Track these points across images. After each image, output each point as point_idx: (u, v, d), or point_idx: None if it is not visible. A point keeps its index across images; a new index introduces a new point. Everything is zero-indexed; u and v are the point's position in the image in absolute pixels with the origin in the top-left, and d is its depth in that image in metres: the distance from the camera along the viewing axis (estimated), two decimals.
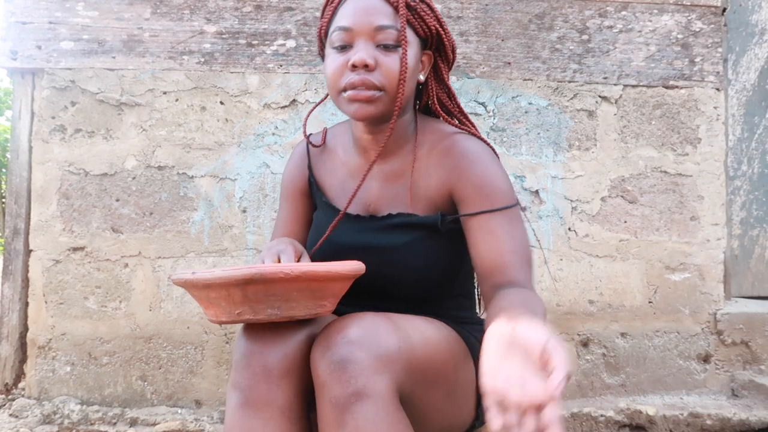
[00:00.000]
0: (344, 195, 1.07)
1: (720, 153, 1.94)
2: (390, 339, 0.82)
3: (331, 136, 1.16)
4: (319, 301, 0.83)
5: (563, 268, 1.86)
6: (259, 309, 0.80)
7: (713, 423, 1.71)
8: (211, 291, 0.80)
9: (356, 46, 0.93)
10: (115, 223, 1.76)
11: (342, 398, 0.76)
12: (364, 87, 0.92)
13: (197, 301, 0.85)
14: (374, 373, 0.77)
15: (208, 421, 1.67)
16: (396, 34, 0.94)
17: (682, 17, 1.94)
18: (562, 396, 0.53)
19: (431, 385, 0.89)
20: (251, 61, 1.80)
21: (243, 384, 0.83)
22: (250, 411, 0.82)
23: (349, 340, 0.79)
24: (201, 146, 1.79)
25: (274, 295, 0.79)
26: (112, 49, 1.77)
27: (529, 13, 1.88)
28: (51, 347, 1.73)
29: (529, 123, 1.87)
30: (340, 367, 0.78)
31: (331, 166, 1.12)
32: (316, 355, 0.82)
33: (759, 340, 1.91)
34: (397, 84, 0.94)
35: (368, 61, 0.91)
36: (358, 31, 0.93)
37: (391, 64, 0.93)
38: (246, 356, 0.85)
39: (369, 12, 0.93)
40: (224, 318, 0.82)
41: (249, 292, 0.78)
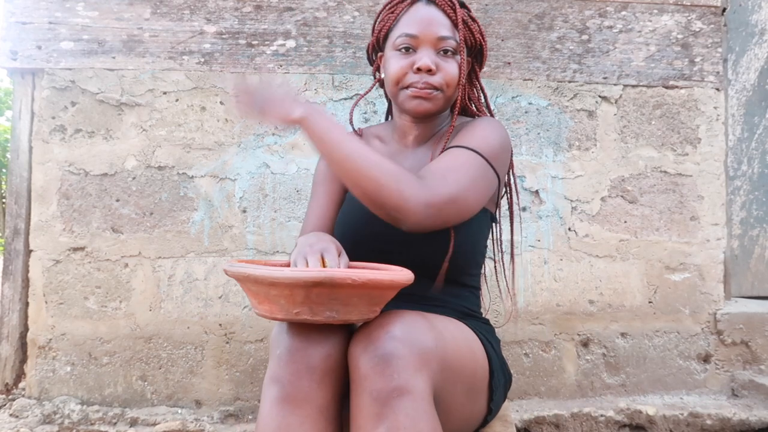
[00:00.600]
0: None
1: (720, 153, 1.94)
2: (428, 337, 0.85)
3: (367, 131, 1.28)
4: (373, 306, 0.85)
5: (563, 268, 1.86)
6: (318, 311, 0.81)
7: (713, 423, 1.71)
8: (274, 288, 0.80)
9: (420, 51, 1.08)
10: (115, 223, 1.76)
11: (384, 392, 0.78)
12: (427, 88, 1.07)
13: (250, 295, 0.86)
14: (415, 370, 0.80)
15: (208, 421, 1.67)
16: (454, 44, 1.08)
17: (682, 17, 1.94)
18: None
19: (456, 382, 0.92)
20: (251, 61, 1.80)
21: (285, 379, 0.84)
22: (289, 406, 0.82)
23: (393, 336, 0.82)
24: (201, 146, 1.79)
25: (336, 299, 0.80)
26: (112, 49, 1.77)
27: (529, 13, 1.88)
28: (51, 347, 1.73)
29: (529, 123, 1.87)
30: (384, 361, 0.80)
31: None
32: (357, 350, 0.84)
33: (759, 340, 1.91)
34: (453, 86, 1.09)
35: (432, 66, 1.05)
36: (423, 39, 1.07)
37: (449, 69, 1.08)
38: (291, 351, 0.85)
39: (433, 23, 1.08)
40: (280, 315, 0.83)
41: (313, 294, 0.79)
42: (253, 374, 1.76)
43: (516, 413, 1.70)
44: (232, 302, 1.76)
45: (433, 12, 1.09)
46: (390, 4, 1.15)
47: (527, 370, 1.83)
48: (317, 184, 1.25)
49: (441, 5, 1.10)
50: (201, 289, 1.76)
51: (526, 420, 1.69)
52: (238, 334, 1.76)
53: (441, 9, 1.10)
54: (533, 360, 1.84)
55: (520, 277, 1.84)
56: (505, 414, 1.18)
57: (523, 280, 1.84)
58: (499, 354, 1.13)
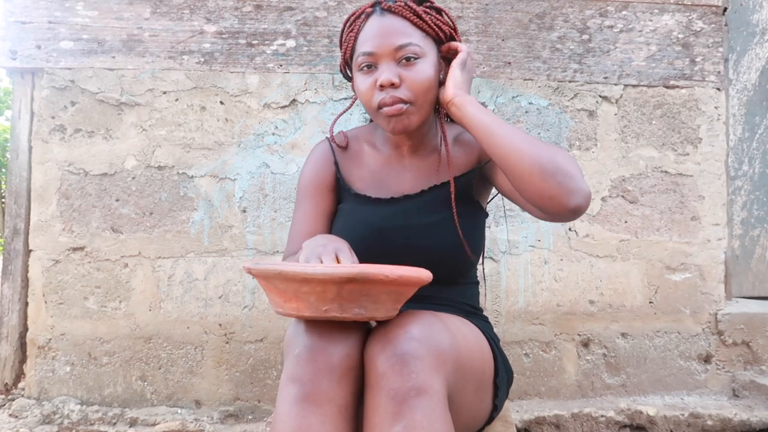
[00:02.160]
0: (377, 184, 1.15)
1: (721, 153, 1.94)
2: (445, 338, 0.86)
3: (353, 136, 1.23)
4: (396, 304, 0.86)
5: (564, 269, 1.85)
6: (348, 308, 0.81)
7: (714, 423, 1.71)
8: (305, 285, 0.79)
9: (381, 67, 1.03)
10: (115, 223, 1.75)
11: (402, 391, 0.78)
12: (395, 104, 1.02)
13: (275, 294, 0.84)
14: (433, 370, 0.81)
15: (208, 421, 1.67)
16: (416, 49, 1.03)
17: (682, 17, 1.93)
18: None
19: (466, 381, 0.93)
20: (251, 60, 1.80)
21: (305, 378, 0.83)
22: (310, 406, 0.81)
23: (412, 337, 0.82)
24: (201, 146, 1.78)
25: (367, 295, 0.81)
26: (112, 49, 1.77)
27: (530, 13, 1.88)
28: (51, 347, 1.73)
29: (530, 123, 1.87)
30: (402, 361, 0.80)
31: (359, 161, 1.19)
32: (374, 349, 0.84)
33: (760, 341, 1.91)
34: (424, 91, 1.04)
35: (393, 80, 1.01)
36: (380, 53, 1.03)
37: (413, 77, 1.03)
38: (310, 350, 0.85)
39: (388, 34, 1.03)
40: (308, 313, 0.82)
41: (345, 290, 0.79)
42: (253, 374, 1.76)
43: (516, 413, 1.70)
44: (232, 302, 1.76)
45: (388, 21, 1.04)
46: (348, 23, 1.11)
47: (527, 370, 1.83)
48: (305, 194, 1.20)
49: (396, 10, 1.05)
50: (201, 289, 1.76)
51: (527, 420, 1.69)
52: (238, 334, 1.76)
53: (397, 14, 1.05)
54: (533, 360, 1.83)
55: (520, 278, 1.84)
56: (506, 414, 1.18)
57: (524, 280, 1.84)
58: (501, 351, 1.14)
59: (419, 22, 1.05)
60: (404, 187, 1.14)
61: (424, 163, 1.14)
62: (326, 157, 1.20)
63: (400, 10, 1.04)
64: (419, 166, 1.14)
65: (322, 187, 1.19)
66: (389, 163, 1.16)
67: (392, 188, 1.14)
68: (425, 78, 1.03)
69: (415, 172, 1.14)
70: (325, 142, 1.23)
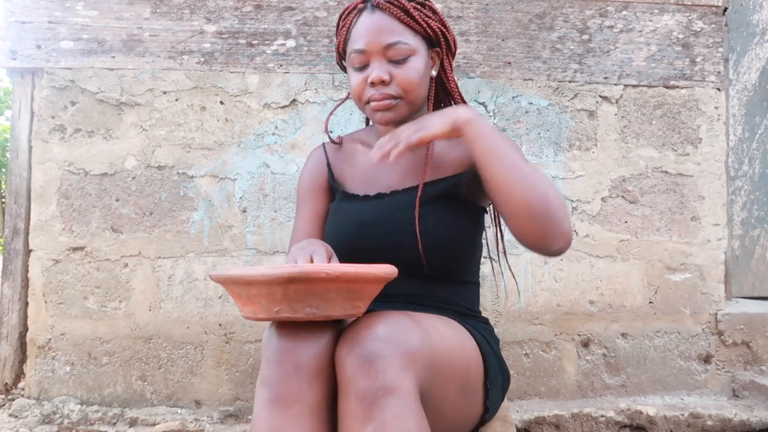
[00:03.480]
0: (368, 182, 1.17)
1: (721, 153, 1.94)
2: (414, 336, 0.85)
3: (348, 138, 1.27)
4: (354, 302, 0.85)
5: (564, 269, 1.85)
6: (298, 308, 0.81)
7: (714, 424, 1.71)
8: (252, 288, 0.81)
9: (372, 64, 1.07)
10: (115, 223, 1.75)
11: (370, 392, 0.78)
12: (384, 99, 1.06)
13: (235, 299, 0.87)
14: (401, 369, 0.80)
15: (208, 421, 1.67)
16: (405, 47, 1.06)
17: (683, 17, 1.93)
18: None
19: (446, 381, 0.92)
20: (251, 60, 1.80)
21: (274, 380, 0.84)
22: (281, 407, 0.82)
23: (377, 337, 0.82)
24: (201, 146, 1.78)
25: (313, 294, 0.81)
26: (112, 49, 1.77)
27: (530, 13, 1.88)
28: (51, 347, 1.73)
29: (530, 123, 1.87)
30: (369, 361, 0.80)
31: (352, 160, 1.22)
32: (342, 351, 0.84)
33: (760, 341, 1.91)
34: (413, 89, 1.07)
35: (384, 77, 1.05)
36: (371, 51, 1.06)
37: (403, 75, 1.06)
38: (278, 352, 0.85)
39: (378, 32, 1.06)
40: (262, 315, 0.83)
41: (290, 290, 0.80)
42: (253, 374, 1.76)
43: (516, 413, 1.70)
44: (232, 302, 1.76)
45: (377, 19, 1.06)
46: (341, 17, 1.14)
47: (527, 370, 1.83)
48: (302, 199, 1.25)
49: (385, 8, 1.06)
50: (201, 289, 1.76)
51: (526, 420, 1.69)
52: (238, 334, 1.76)
53: (386, 12, 1.06)
54: (533, 360, 1.83)
55: (520, 278, 1.84)
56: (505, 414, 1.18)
57: (524, 280, 1.84)
58: (497, 353, 1.13)
59: (408, 20, 1.07)
60: (394, 182, 1.15)
61: (414, 158, 1.16)
62: (320, 160, 1.25)
63: (389, 7, 1.06)
64: (410, 162, 1.16)
65: (316, 189, 1.23)
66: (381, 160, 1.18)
67: (382, 184, 1.15)
68: (415, 75, 1.07)
69: (405, 168, 1.16)
70: (320, 147, 1.28)
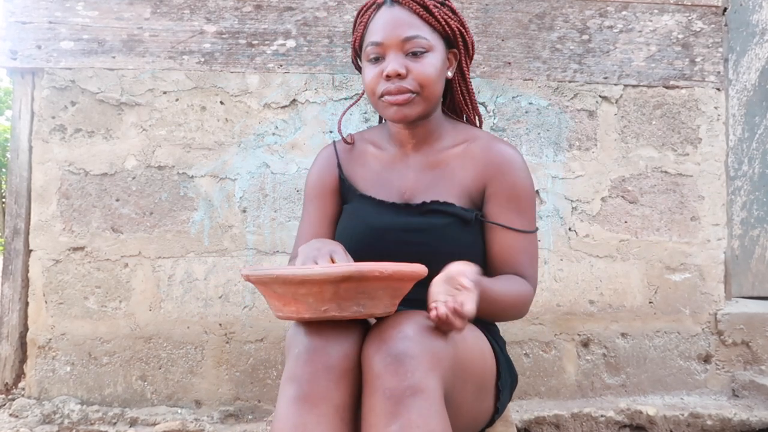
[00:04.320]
0: (380, 184, 1.16)
1: (721, 153, 1.94)
2: (440, 337, 0.86)
3: (359, 137, 1.25)
4: (394, 300, 0.87)
5: (563, 269, 1.85)
6: (346, 306, 0.82)
7: (714, 423, 1.71)
8: (303, 287, 0.80)
9: (388, 57, 1.05)
10: (115, 223, 1.76)
11: (397, 391, 0.79)
12: (400, 93, 1.04)
13: (274, 298, 0.85)
14: (428, 369, 0.81)
15: (208, 421, 1.67)
16: (424, 42, 1.04)
17: (682, 17, 1.93)
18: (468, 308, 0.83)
19: (465, 382, 0.93)
20: (251, 61, 1.80)
21: (303, 378, 0.83)
22: (306, 405, 0.82)
23: (406, 336, 0.83)
24: (201, 146, 1.78)
25: (363, 292, 0.82)
26: (112, 49, 1.77)
27: (530, 13, 1.88)
28: (51, 347, 1.73)
29: (530, 123, 1.87)
30: (397, 360, 0.80)
31: (363, 161, 1.20)
32: (371, 350, 0.84)
33: (759, 341, 1.91)
34: (430, 85, 1.05)
35: (400, 71, 1.03)
36: (388, 44, 1.04)
37: (420, 69, 1.04)
38: (309, 351, 0.85)
39: (396, 25, 1.04)
40: (307, 314, 0.83)
41: (342, 289, 0.80)
42: (253, 374, 1.76)
43: (516, 413, 1.70)
44: (232, 302, 1.76)
45: (397, 13, 1.06)
46: (359, 13, 1.13)
47: (527, 370, 1.83)
48: (310, 199, 1.23)
49: (404, 3, 1.06)
50: (201, 289, 1.76)
51: (526, 420, 1.69)
52: (238, 334, 1.76)
53: (406, 7, 1.06)
54: (533, 360, 1.84)
55: None
56: (506, 414, 1.19)
57: None
58: (505, 354, 1.14)
59: (427, 16, 1.06)
60: (407, 186, 1.14)
61: (428, 162, 1.14)
62: (329, 160, 1.22)
63: (409, 2, 1.05)
64: (423, 165, 1.14)
65: (325, 190, 1.20)
66: (393, 162, 1.16)
67: (395, 187, 1.14)
68: (432, 71, 1.05)
69: (418, 172, 1.14)
70: (330, 146, 1.25)
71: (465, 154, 1.13)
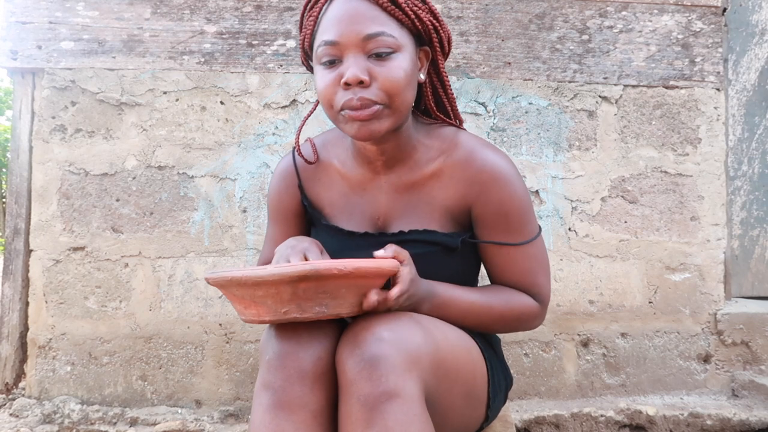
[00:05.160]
0: (348, 210, 1.03)
1: (720, 153, 1.94)
2: (417, 337, 0.81)
3: (321, 146, 1.07)
4: (361, 298, 0.82)
5: (563, 269, 1.85)
6: (307, 307, 0.78)
7: (713, 423, 1.71)
8: (259, 289, 0.77)
9: (346, 60, 0.86)
10: (116, 223, 1.76)
11: (372, 397, 0.75)
12: (363, 106, 0.86)
13: (234, 302, 0.83)
14: (404, 372, 0.76)
15: (208, 421, 1.67)
16: (390, 40, 0.86)
17: (682, 17, 1.94)
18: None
19: (451, 385, 0.88)
20: (251, 61, 1.80)
21: (276, 385, 0.80)
22: (283, 413, 0.79)
23: (380, 338, 0.78)
24: (201, 146, 1.79)
25: (324, 292, 0.78)
26: (112, 49, 1.77)
27: (530, 13, 1.88)
28: (51, 347, 1.73)
29: (530, 123, 1.87)
30: (371, 365, 0.76)
31: (327, 181, 1.05)
32: (344, 354, 0.80)
33: (759, 341, 1.91)
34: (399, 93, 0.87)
35: (362, 77, 0.84)
36: (346, 43, 0.86)
37: (387, 74, 0.86)
38: (280, 356, 0.82)
39: (354, 20, 0.86)
40: (268, 317, 0.80)
41: (300, 289, 0.77)
42: (253, 374, 1.76)
43: (516, 413, 1.70)
44: None
45: (355, 4, 0.86)
46: (307, 5, 0.94)
47: (527, 370, 1.83)
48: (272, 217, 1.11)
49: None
50: (201, 289, 1.76)
51: (526, 420, 1.69)
52: (238, 333, 1.76)
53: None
54: (533, 360, 1.84)
55: None
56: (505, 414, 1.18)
57: None
58: (499, 355, 1.10)
59: (393, 8, 0.87)
60: (380, 212, 1.02)
61: (402, 183, 1.00)
62: (289, 180, 1.08)
63: None
64: (396, 187, 1.00)
65: (287, 213, 1.09)
66: (362, 184, 1.02)
67: (367, 213, 1.02)
68: (402, 75, 0.87)
69: (391, 194, 1.00)
70: (289, 159, 1.09)
71: (443, 171, 0.98)
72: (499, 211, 0.96)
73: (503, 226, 0.97)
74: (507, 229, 0.97)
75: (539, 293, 1.01)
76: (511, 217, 0.97)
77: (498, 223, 0.97)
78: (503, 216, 0.97)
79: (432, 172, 0.99)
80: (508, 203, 0.96)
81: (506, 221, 0.97)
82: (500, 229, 0.97)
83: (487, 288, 1.01)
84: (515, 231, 0.98)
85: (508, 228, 0.97)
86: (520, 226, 0.98)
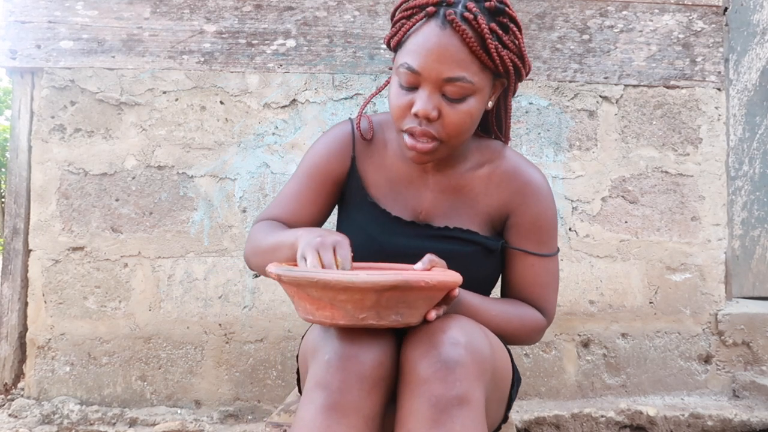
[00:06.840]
0: (392, 197, 1.06)
1: (721, 153, 1.94)
2: (485, 345, 0.84)
3: (378, 127, 1.09)
4: (429, 309, 0.84)
5: (564, 269, 1.85)
6: (385, 315, 0.78)
7: (714, 424, 1.71)
8: (343, 294, 0.76)
9: (421, 90, 0.91)
10: (115, 223, 1.75)
11: (444, 399, 0.76)
12: (424, 138, 0.92)
13: (307, 302, 0.80)
14: (476, 378, 0.79)
15: (208, 421, 1.66)
16: (467, 87, 0.90)
17: (683, 17, 1.93)
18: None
19: (494, 390, 0.91)
20: (251, 60, 1.80)
21: (333, 386, 0.79)
22: (336, 415, 0.78)
23: (456, 342, 0.80)
24: (201, 146, 1.78)
25: (404, 302, 0.79)
26: (112, 49, 1.77)
27: (530, 13, 1.88)
28: (50, 347, 1.73)
29: (530, 123, 1.86)
30: (447, 367, 0.78)
31: (379, 162, 1.07)
32: (416, 353, 0.81)
33: (760, 341, 1.91)
34: (458, 135, 0.93)
35: (431, 114, 0.90)
36: (426, 77, 0.90)
37: (454, 117, 0.91)
38: (341, 358, 0.81)
39: (440, 58, 0.88)
40: (343, 321, 0.79)
41: (384, 298, 0.76)
42: (253, 374, 1.76)
43: (516, 413, 1.70)
44: (232, 302, 1.76)
45: (446, 40, 0.88)
46: (405, 9, 0.95)
47: (527, 370, 1.83)
48: (307, 177, 1.09)
49: (458, 29, 0.87)
50: (201, 289, 1.76)
51: (527, 420, 1.69)
52: (238, 334, 1.76)
53: (458, 34, 0.88)
54: (533, 360, 1.83)
55: None
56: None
57: None
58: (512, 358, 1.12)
59: (480, 52, 0.89)
60: (425, 205, 1.05)
61: (449, 184, 1.05)
62: (344, 147, 1.08)
63: (464, 30, 0.87)
64: (443, 187, 1.05)
65: (328, 178, 1.08)
66: (410, 176, 1.06)
67: (410, 204, 1.05)
68: (467, 120, 0.93)
69: (437, 193, 1.05)
70: (348, 127, 1.09)
71: (489, 179, 1.04)
72: (534, 222, 1.05)
73: (535, 237, 1.05)
74: (538, 240, 1.05)
75: (547, 309, 1.07)
76: (543, 229, 1.05)
77: (531, 233, 1.05)
78: (537, 227, 1.05)
79: (479, 177, 1.05)
80: (543, 217, 1.05)
81: (538, 233, 1.05)
82: (532, 239, 1.05)
83: (504, 300, 1.07)
84: (543, 243, 1.06)
85: (539, 239, 1.05)
86: (548, 239, 1.06)
